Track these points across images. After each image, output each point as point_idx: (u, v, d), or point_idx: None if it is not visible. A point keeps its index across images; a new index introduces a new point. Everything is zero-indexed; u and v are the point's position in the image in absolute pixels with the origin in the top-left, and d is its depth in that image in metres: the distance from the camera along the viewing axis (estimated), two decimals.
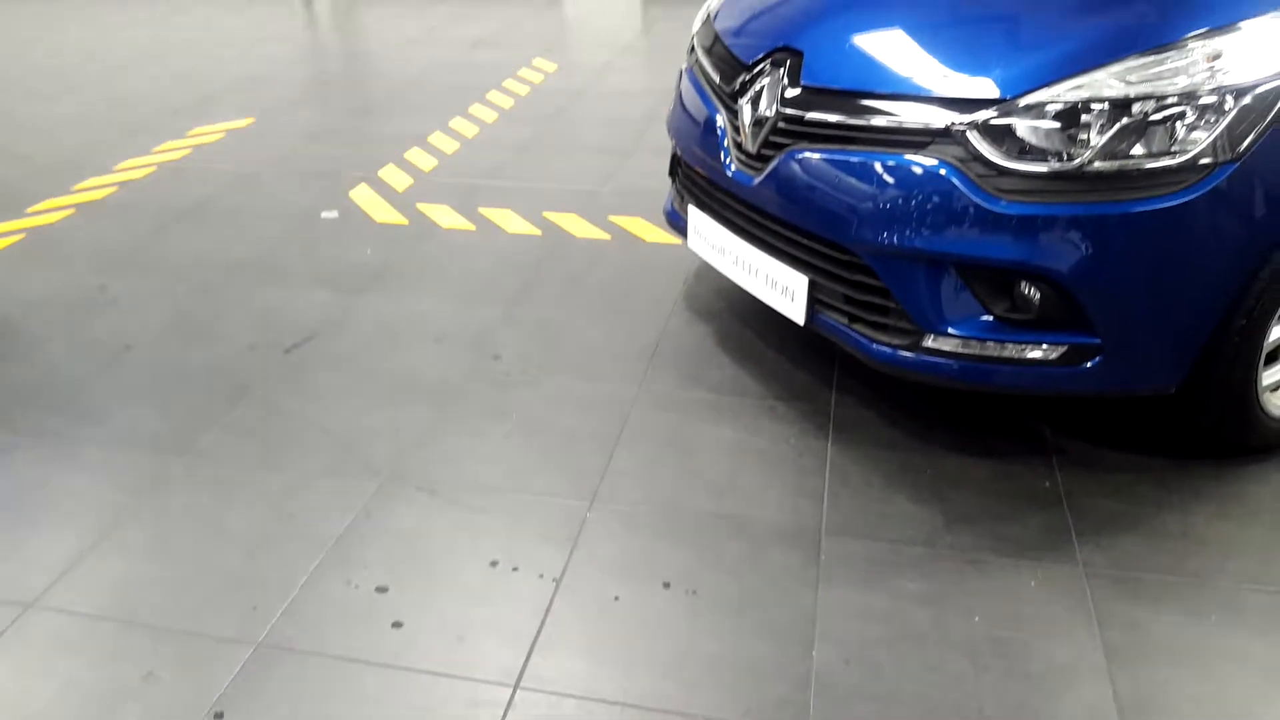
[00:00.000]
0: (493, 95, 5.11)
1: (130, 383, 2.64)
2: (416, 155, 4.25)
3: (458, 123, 4.68)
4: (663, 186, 2.92)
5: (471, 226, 3.54)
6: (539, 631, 1.82)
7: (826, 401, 2.46)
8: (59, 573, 1.98)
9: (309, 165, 4.19)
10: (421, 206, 3.71)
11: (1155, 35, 1.83)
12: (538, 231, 3.48)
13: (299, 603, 1.89)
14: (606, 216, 3.58)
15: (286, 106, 5.02)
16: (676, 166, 2.74)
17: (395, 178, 4.00)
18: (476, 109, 4.89)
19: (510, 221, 3.57)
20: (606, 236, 3.44)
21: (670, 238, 3.30)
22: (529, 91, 5.20)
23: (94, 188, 3.95)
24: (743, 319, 2.84)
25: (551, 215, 3.60)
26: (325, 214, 3.67)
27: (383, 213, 3.67)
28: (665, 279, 3.10)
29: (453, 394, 2.54)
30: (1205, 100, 1.75)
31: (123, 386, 2.62)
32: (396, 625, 1.84)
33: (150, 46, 6.37)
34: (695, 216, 2.53)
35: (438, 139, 4.45)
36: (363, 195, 3.82)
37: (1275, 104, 1.75)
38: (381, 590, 1.92)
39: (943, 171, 1.88)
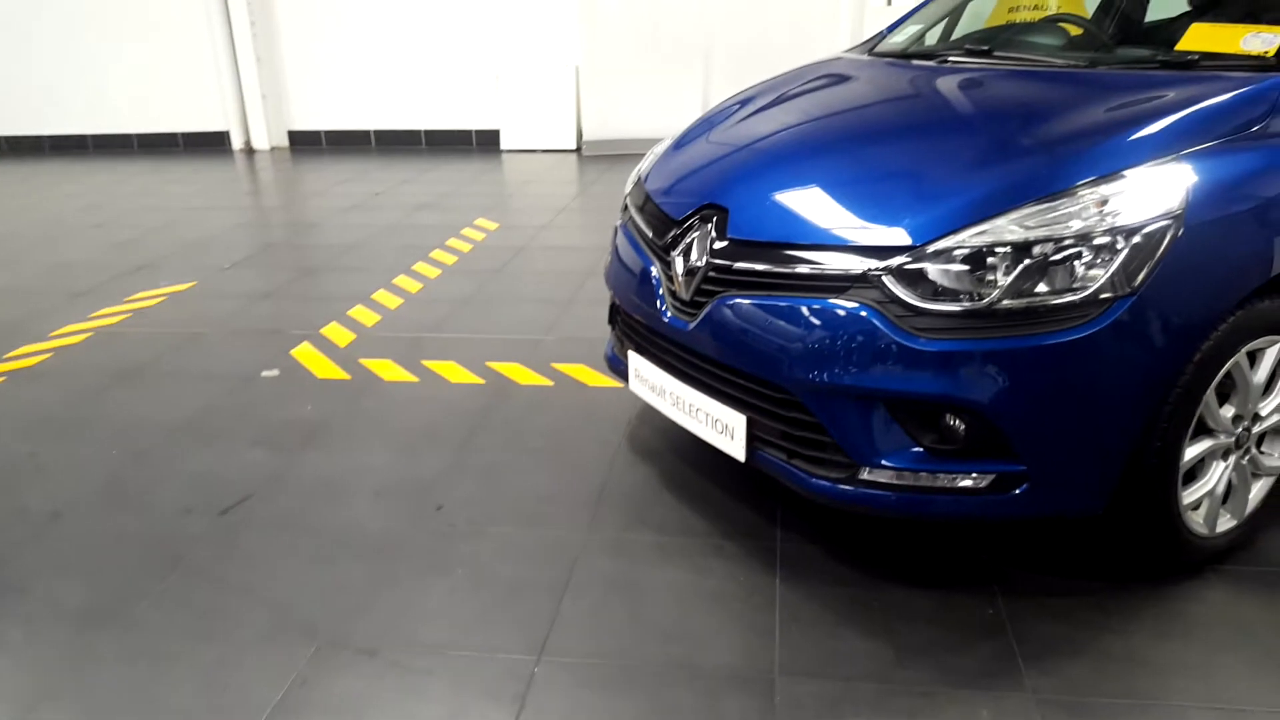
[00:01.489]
0: (436, 253, 5.26)
1: (58, 553, 2.55)
2: (360, 312, 4.31)
3: (401, 280, 4.78)
4: (603, 334, 3.01)
5: (414, 379, 3.58)
6: None
7: (773, 538, 2.48)
8: None
9: (250, 326, 4.21)
10: (364, 361, 3.74)
11: (1048, 184, 2.00)
12: (481, 381, 3.53)
13: None
14: (549, 364, 3.65)
15: (229, 270, 5.09)
16: (615, 314, 2.83)
17: (338, 334, 4.04)
18: (420, 266, 5.01)
19: (454, 372, 3.61)
20: (550, 383, 3.49)
21: (612, 382, 3.37)
22: (471, 249, 5.36)
23: (28, 355, 3.91)
24: (686, 459, 2.88)
25: (495, 365, 3.66)
26: (266, 373, 3.67)
27: (325, 369, 3.69)
28: (609, 423, 3.14)
29: (394, 548, 2.50)
30: (1099, 241, 1.90)
31: (50, 557, 2.53)
32: None
33: (91, 214, 6.46)
34: (635, 361, 2.60)
35: (381, 296, 4.53)
36: (305, 353, 3.85)
37: (1162, 241, 1.90)
38: None
39: (864, 313, 1.99)
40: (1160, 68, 2.42)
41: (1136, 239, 1.89)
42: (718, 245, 2.26)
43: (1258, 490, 2.30)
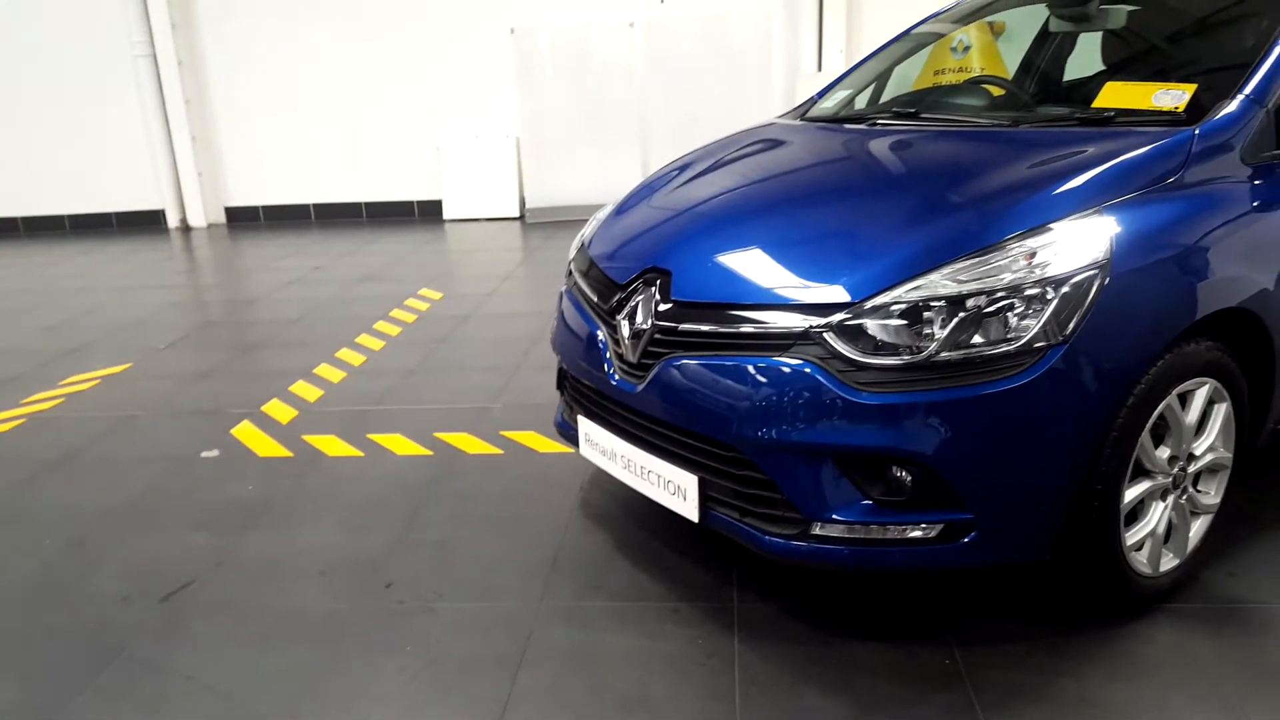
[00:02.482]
0: (380, 325, 5.22)
1: None
2: (302, 388, 4.25)
3: (344, 353, 4.73)
4: (551, 400, 3.00)
5: (359, 453, 3.52)
6: None
7: (729, 598, 2.46)
8: None
9: (188, 406, 4.12)
10: (307, 438, 3.67)
11: (979, 239, 2.06)
12: (428, 452, 3.48)
13: None
14: (498, 432, 3.62)
15: (165, 350, 4.99)
16: (564, 380, 2.83)
17: (280, 411, 3.97)
18: (363, 338, 4.97)
19: (399, 445, 3.56)
20: (499, 451, 3.46)
21: (563, 447, 3.35)
22: (416, 319, 5.34)
23: None
24: (640, 522, 2.87)
25: (442, 435, 3.62)
26: (205, 454, 3.58)
27: (266, 447, 3.61)
28: (560, 488, 3.12)
29: (342, 629, 2.43)
30: (1030, 292, 1.96)
31: None
32: None
33: (21, 298, 6.31)
34: (585, 425, 2.60)
35: (324, 370, 4.48)
36: (245, 432, 3.77)
37: (1090, 290, 1.97)
38: None
39: (808, 370, 2.02)
40: (1079, 125, 2.53)
41: (1065, 289, 1.96)
42: (662, 307, 2.29)
43: (1197, 528, 2.36)
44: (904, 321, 1.98)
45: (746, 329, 2.13)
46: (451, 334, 5.02)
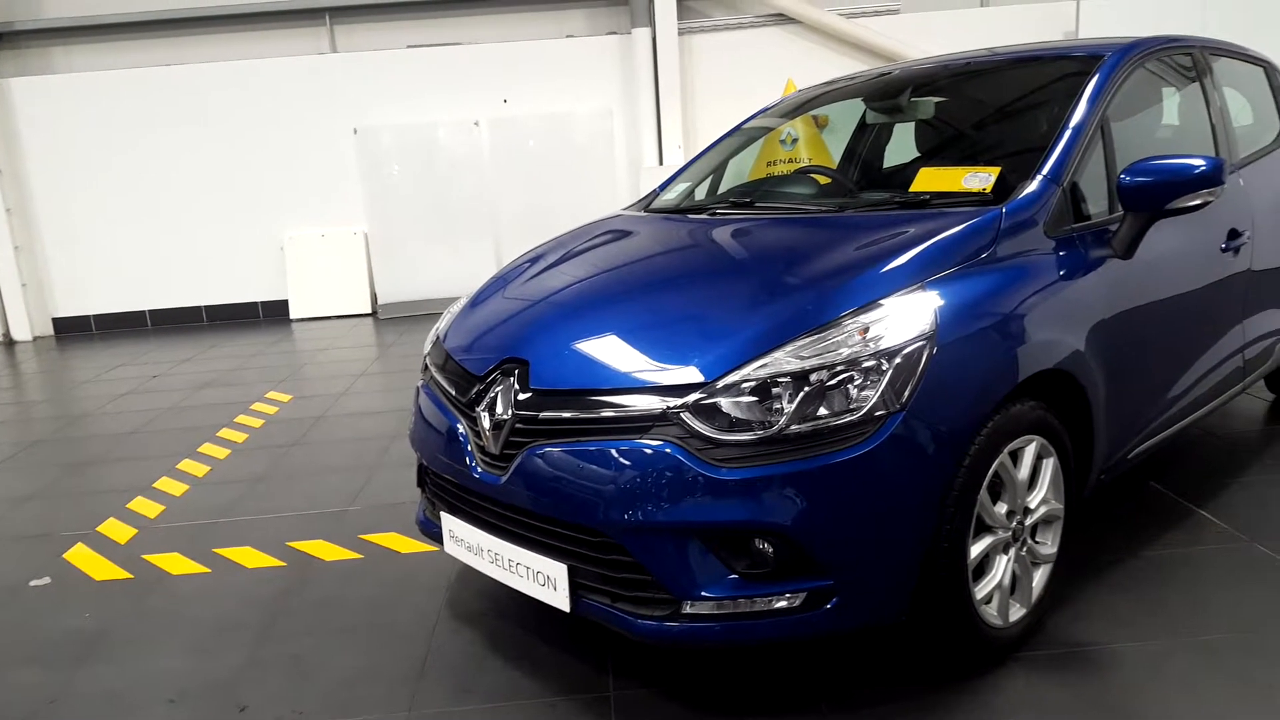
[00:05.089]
0: (224, 433, 4.99)
1: None
2: (141, 504, 3.99)
3: (186, 464, 4.48)
4: (413, 498, 2.93)
5: (206, 570, 3.31)
6: None
7: (606, 688, 2.43)
8: None
9: (13, 532, 3.79)
10: (148, 557, 3.44)
11: (816, 317, 2.18)
12: (281, 563, 3.32)
13: None
14: (356, 536, 3.49)
15: None
16: (424, 476, 2.78)
17: (117, 531, 3.71)
18: (207, 448, 4.72)
19: (249, 558, 3.38)
20: (358, 556, 3.33)
21: (427, 547, 3.26)
22: (263, 424, 5.13)
23: None
24: (511, 617, 2.81)
25: (296, 544, 3.46)
26: (35, 582, 3.29)
27: (103, 570, 3.35)
28: (426, 590, 3.02)
29: None
30: (866, 364, 2.08)
31: None
32: None
33: None
34: (449, 521, 2.55)
35: (165, 484, 4.22)
36: (79, 555, 3.49)
37: (921, 359, 2.11)
38: None
39: (668, 450, 2.07)
40: (899, 208, 2.74)
41: (898, 360, 2.09)
42: (522, 397, 2.30)
43: (1039, 578, 2.51)
44: (755, 398, 2.07)
45: (607, 413, 2.16)
46: (303, 437, 4.84)
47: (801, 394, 2.05)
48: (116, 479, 4.35)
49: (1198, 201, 2.57)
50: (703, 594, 2.08)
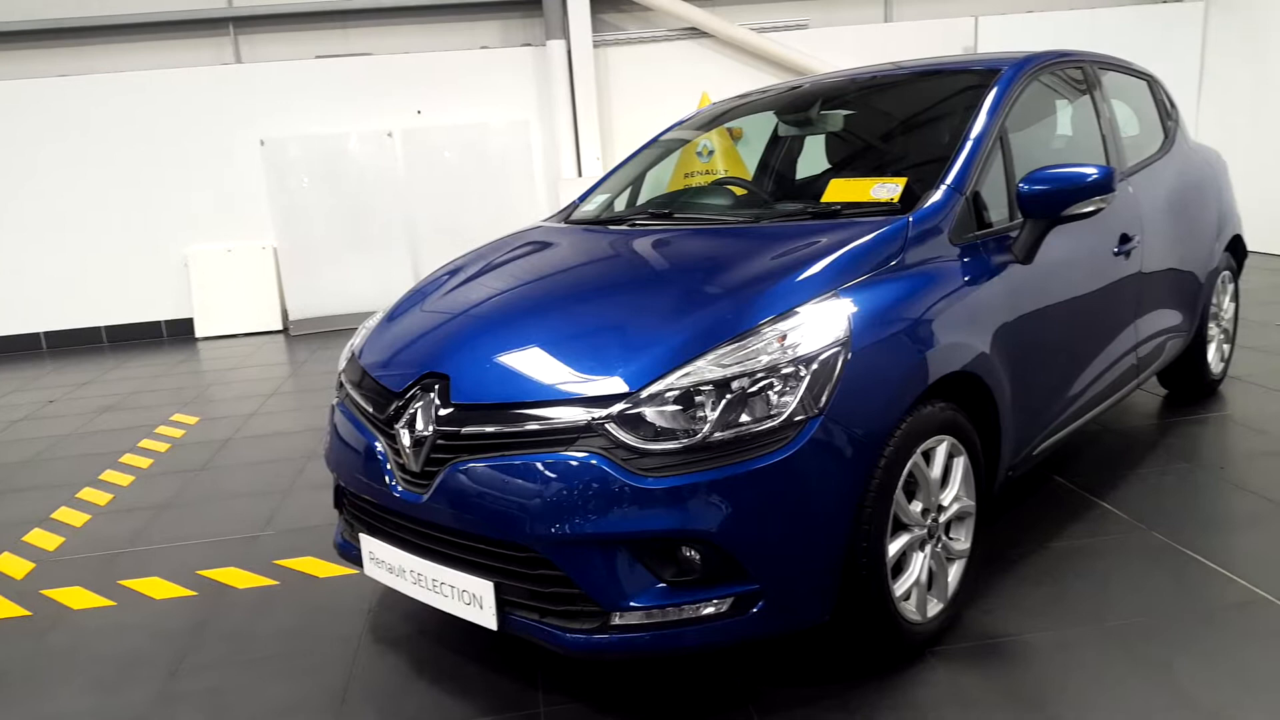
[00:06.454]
0: (127, 458, 4.79)
1: None
2: (38, 536, 3.79)
3: (87, 493, 4.28)
4: (330, 521, 2.86)
5: (110, 603, 3.17)
6: None
7: (535, 704, 2.41)
8: None
9: None
10: (47, 592, 3.27)
11: (735, 325, 2.22)
12: (191, 593, 3.19)
13: None
14: (271, 561, 3.39)
15: None
16: (342, 497, 2.71)
17: (12, 566, 3.52)
18: (109, 475, 4.53)
19: (157, 588, 3.25)
20: (273, 582, 3.23)
21: (346, 570, 3.18)
22: (169, 448, 4.94)
23: None
24: (436, 638, 2.76)
25: (206, 572, 3.33)
26: None
27: None
28: (346, 615, 2.95)
29: None
30: (785, 371, 2.12)
31: None
32: None
33: None
34: (369, 543, 2.49)
35: (64, 514, 4.03)
36: None
37: (836, 365, 2.16)
38: None
39: (593, 461, 2.06)
40: (812, 218, 2.80)
41: (815, 366, 2.14)
42: (443, 412, 2.27)
43: (954, 573, 2.59)
44: (679, 406, 2.08)
45: (531, 426, 2.15)
46: (211, 460, 4.68)
47: (724, 401, 2.07)
48: (10, 511, 4.14)
49: (1091, 208, 2.70)
50: (631, 604, 2.08)
